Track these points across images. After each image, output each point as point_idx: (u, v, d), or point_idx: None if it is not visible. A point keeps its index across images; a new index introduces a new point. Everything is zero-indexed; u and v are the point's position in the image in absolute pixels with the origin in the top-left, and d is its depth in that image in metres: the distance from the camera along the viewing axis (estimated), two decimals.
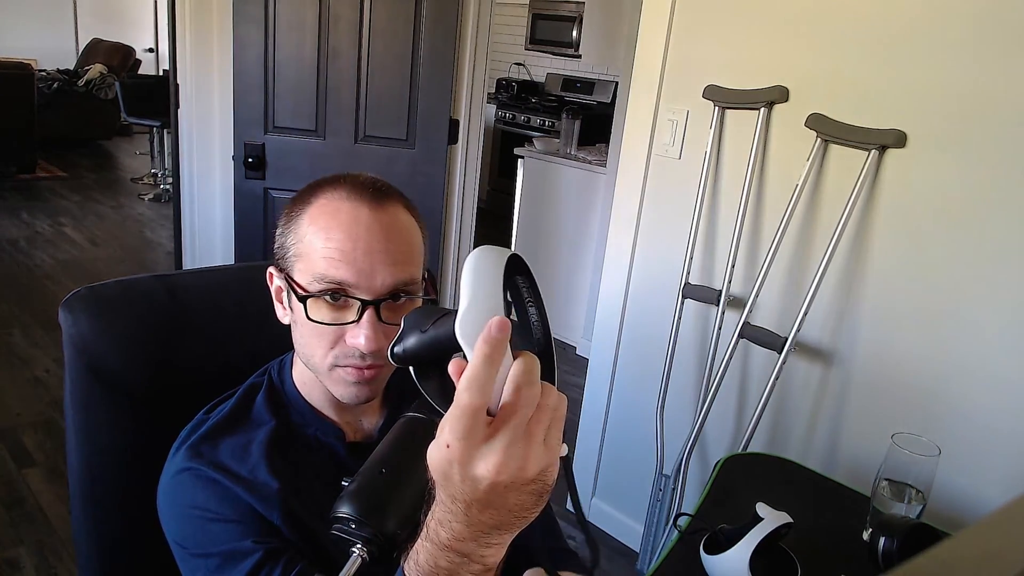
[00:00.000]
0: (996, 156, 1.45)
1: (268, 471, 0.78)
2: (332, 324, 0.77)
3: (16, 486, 2.29)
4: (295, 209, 0.81)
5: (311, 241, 0.78)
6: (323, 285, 0.76)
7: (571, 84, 5.79)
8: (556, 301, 3.78)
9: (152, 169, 6.29)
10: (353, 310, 0.77)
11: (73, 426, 0.94)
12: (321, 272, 0.76)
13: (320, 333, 0.78)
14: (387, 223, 0.78)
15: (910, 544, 1.00)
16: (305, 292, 0.77)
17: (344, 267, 0.76)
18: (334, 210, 0.78)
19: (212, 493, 0.76)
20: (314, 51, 2.44)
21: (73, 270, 4.12)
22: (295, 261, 0.80)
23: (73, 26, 7.97)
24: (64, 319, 0.92)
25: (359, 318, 0.76)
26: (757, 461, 1.46)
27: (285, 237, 0.81)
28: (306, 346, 0.81)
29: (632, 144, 2.04)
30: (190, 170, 2.95)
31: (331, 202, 0.79)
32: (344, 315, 0.77)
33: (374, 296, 0.76)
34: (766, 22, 1.73)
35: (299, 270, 0.79)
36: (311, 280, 0.77)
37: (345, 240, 0.76)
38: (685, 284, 1.92)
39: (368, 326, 0.76)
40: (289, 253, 0.80)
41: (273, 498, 0.76)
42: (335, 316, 0.77)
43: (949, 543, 0.32)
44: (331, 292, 0.76)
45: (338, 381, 0.80)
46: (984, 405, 1.52)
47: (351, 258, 0.76)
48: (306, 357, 0.82)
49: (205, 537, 0.76)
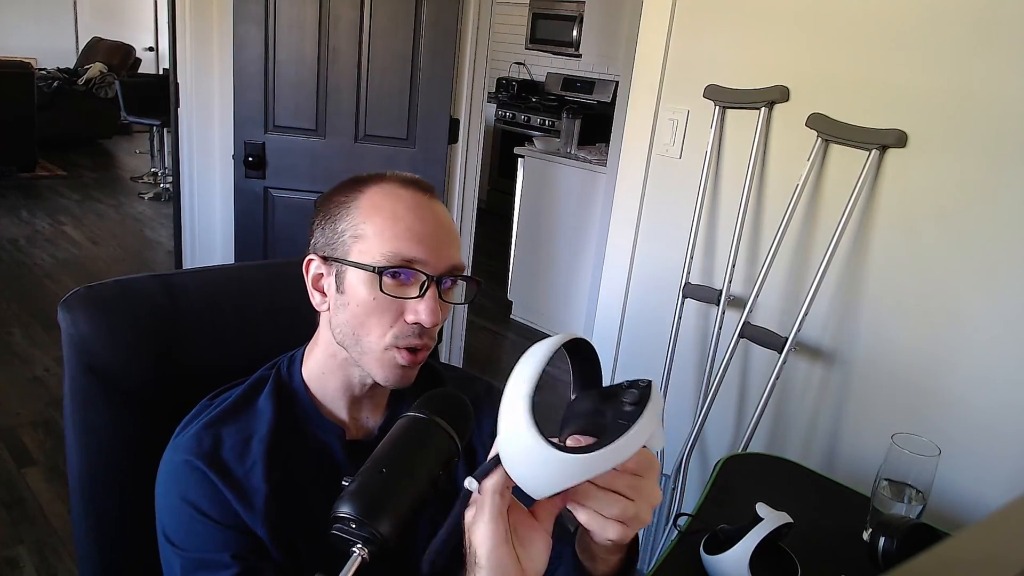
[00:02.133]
0: (996, 156, 1.45)
1: (263, 473, 0.79)
2: (401, 297, 0.80)
3: (16, 486, 2.29)
4: (343, 199, 0.84)
5: (375, 223, 0.81)
6: (396, 261, 0.79)
7: (571, 84, 5.79)
8: (556, 301, 3.78)
9: (152, 168, 6.30)
10: (413, 288, 0.80)
11: (72, 425, 0.94)
12: (392, 250, 0.79)
13: (382, 310, 0.80)
14: (440, 211, 0.85)
15: (910, 544, 1.00)
16: (380, 267, 0.79)
17: (416, 244, 0.80)
18: (396, 196, 0.82)
19: (204, 492, 0.78)
20: (314, 50, 2.44)
21: (73, 269, 4.12)
22: (353, 243, 0.82)
23: (73, 25, 7.97)
24: (63, 319, 0.92)
25: (423, 293, 0.79)
26: (757, 461, 1.46)
27: (336, 223, 0.83)
28: (361, 327, 0.81)
29: (632, 144, 2.04)
30: (190, 169, 2.95)
31: (388, 190, 0.83)
32: (409, 291, 0.80)
33: (437, 274, 0.80)
34: (766, 22, 1.73)
35: (359, 251, 0.81)
36: (379, 257, 0.79)
37: (415, 221, 0.81)
38: (685, 284, 1.92)
39: (432, 299, 0.80)
40: (344, 237, 0.82)
41: (260, 506, 0.78)
42: (400, 292, 0.80)
43: (949, 543, 0.32)
44: (402, 267, 0.79)
45: (388, 363, 0.82)
46: (984, 405, 1.52)
47: (420, 236, 0.80)
48: (355, 340, 0.82)
49: (188, 534, 0.77)
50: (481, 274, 1.19)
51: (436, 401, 0.69)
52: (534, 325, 3.93)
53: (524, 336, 3.85)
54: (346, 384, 0.86)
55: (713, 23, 1.83)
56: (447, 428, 0.67)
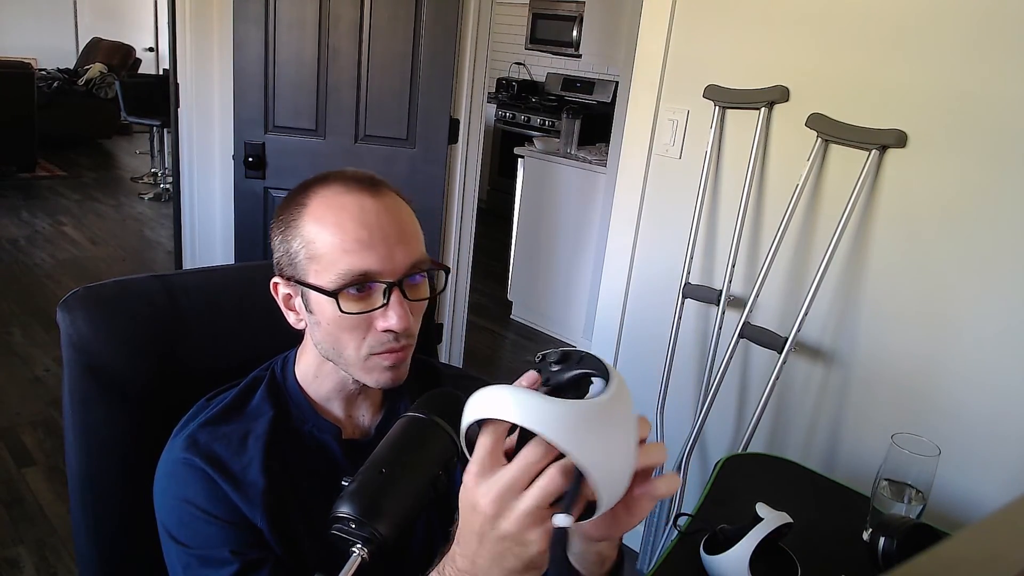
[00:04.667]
0: (997, 156, 1.45)
1: (261, 468, 0.80)
2: (365, 312, 0.78)
3: (16, 485, 2.29)
4: (290, 215, 0.82)
5: (324, 240, 0.78)
6: (349, 278, 0.77)
7: (571, 84, 5.79)
8: (556, 301, 3.78)
9: (152, 168, 6.29)
10: (377, 296, 0.78)
11: (72, 425, 0.94)
12: (345, 267, 0.77)
13: (353, 326, 0.79)
14: (390, 207, 0.81)
15: (910, 544, 0.99)
16: (332, 289, 0.77)
17: (365, 255, 0.77)
18: (338, 206, 0.79)
19: (202, 489, 0.78)
20: (314, 50, 2.44)
21: (73, 269, 4.12)
22: (308, 264, 0.80)
23: (73, 25, 7.97)
24: (63, 319, 0.92)
25: (387, 301, 0.78)
26: (757, 461, 1.46)
27: (288, 244, 0.81)
28: (336, 343, 0.81)
29: (632, 144, 2.04)
30: (190, 169, 2.95)
31: (330, 199, 0.80)
32: (373, 303, 0.79)
33: (396, 277, 0.78)
34: (766, 22, 1.73)
35: (315, 272, 0.79)
36: (333, 277, 0.77)
37: (359, 230, 0.78)
38: (685, 284, 1.92)
39: (398, 305, 0.78)
40: (299, 258, 0.80)
41: (257, 499, 0.78)
42: (364, 306, 0.79)
43: (949, 543, 0.32)
44: (357, 283, 0.77)
45: (374, 369, 0.81)
46: (984, 405, 1.52)
47: (369, 245, 0.77)
48: (336, 354, 0.82)
49: (190, 532, 0.78)
50: (481, 274, 1.18)
51: (436, 401, 0.69)
52: (534, 325, 3.93)
53: (524, 336, 3.85)
54: (339, 386, 0.86)
55: (713, 23, 1.83)
56: (447, 428, 0.67)
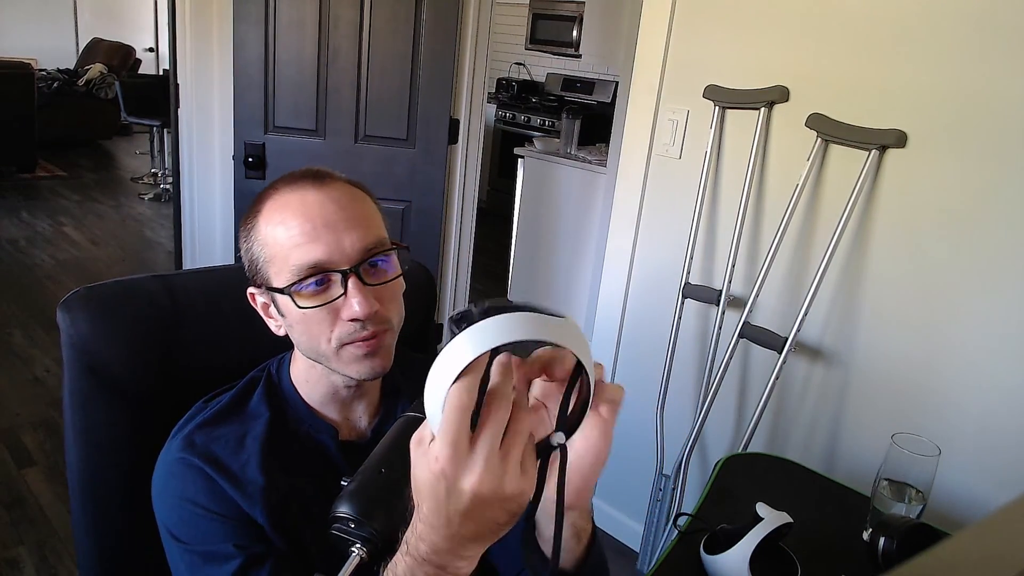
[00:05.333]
0: (997, 156, 1.45)
1: (259, 467, 0.80)
2: (324, 304, 0.78)
3: (16, 486, 2.29)
4: (247, 224, 0.83)
5: (273, 240, 0.80)
6: (302, 272, 0.77)
7: (571, 84, 5.78)
8: (556, 301, 3.77)
9: (152, 169, 6.29)
10: (337, 285, 0.78)
11: (72, 426, 0.94)
12: (294, 262, 0.78)
13: (318, 320, 0.79)
14: (334, 196, 0.81)
15: (910, 544, 0.99)
16: (286, 286, 0.78)
17: (312, 247, 0.77)
18: (282, 205, 0.80)
19: (202, 487, 0.78)
20: (314, 51, 2.44)
21: (73, 270, 4.12)
22: (268, 267, 0.81)
23: (73, 25, 7.97)
24: (62, 319, 0.92)
25: (345, 289, 0.78)
26: (757, 461, 1.46)
27: (250, 252, 0.83)
28: (310, 340, 0.81)
29: (632, 144, 2.04)
30: (190, 170, 2.95)
31: (277, 200, 0.81)
32: (332, 294, 0.79)
33: (350, 264, 0.78)
34: (766, 22, 1.73)
35: (274, 274, 0.80)
36: (289, 276, 0.78)
37: (303, 223, 0.78)
38: (685, 284, 1.92)
39: (356, 291, 0.77)
40: (259, 264, 0.82)
41: (257, 496, 0.78)
42: (322, 299, 0.79)
43: (949, 543, 0.32)
44: (311, 276, 0.77)
45: (350, 360, 0.81)
46: (984, 405, 1.52)
47: (314, 236, 0.78)
48: (313, 351, 0.82)
49: (191, 530, 0.78)
50: (481, 274, 1.18)
51: None
52: None
53: None
54: (332, 389, 0.87)
55: (713, 23, 1.83)
56: None
